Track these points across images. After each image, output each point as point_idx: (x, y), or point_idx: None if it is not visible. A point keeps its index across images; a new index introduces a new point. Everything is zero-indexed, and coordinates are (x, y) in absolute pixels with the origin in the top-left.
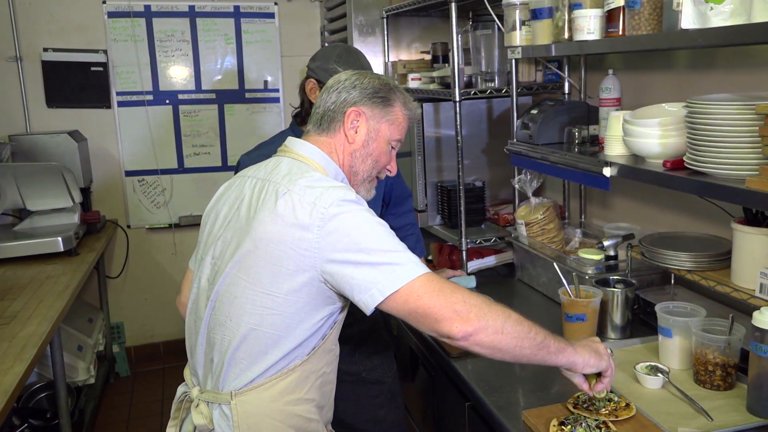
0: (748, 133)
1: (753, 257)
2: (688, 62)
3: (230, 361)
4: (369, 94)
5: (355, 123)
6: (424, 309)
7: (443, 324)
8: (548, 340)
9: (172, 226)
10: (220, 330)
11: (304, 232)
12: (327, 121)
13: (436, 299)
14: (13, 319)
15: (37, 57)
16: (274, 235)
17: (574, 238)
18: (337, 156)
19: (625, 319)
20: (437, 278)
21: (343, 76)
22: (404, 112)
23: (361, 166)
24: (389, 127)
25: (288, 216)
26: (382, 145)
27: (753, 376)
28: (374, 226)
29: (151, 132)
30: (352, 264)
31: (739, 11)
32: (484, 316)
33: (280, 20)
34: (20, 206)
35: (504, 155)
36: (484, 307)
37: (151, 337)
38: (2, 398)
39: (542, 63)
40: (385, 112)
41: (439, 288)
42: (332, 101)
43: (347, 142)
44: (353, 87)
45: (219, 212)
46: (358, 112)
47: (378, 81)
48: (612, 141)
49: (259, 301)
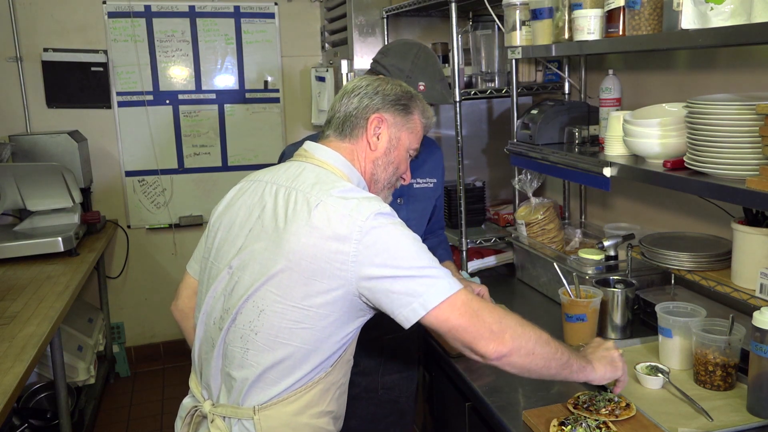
0: (748, 133)
1: (753, 257)
2: (688, 62)
3: (258, 376)
4: (392, 101)
5: (378, 130)
6: (463, 327)
7: (479, 344)
8: (572, 359)
9: (172, 226)
10: (242, 343)
11: (341, 245)
12: (349, 127)
13: (476, 318)
14: (13, 320)
15: (37, 57)
16: (309, 248)
17: (574, 238)
18: (359, 163)
19: (626, 319)
20: (474, 296)
21: (363, 82)
22: (422, 121)
23: (383, 174)
24: (409, 135)
25: (324, 228)
26: (402, 153)
27: (753, 377)
28: (411, 241)
29: (151, 132)
30: (390, 278)
31: (739, 11)
32: (518, 338)
33: (280, 20)
34: (20, 206)
35: (504, 155)
36: (518, 329)
37: (151, 338)
38: (2, 398)
39: (542, 63)
40: (406, 120)
41: (477, 307)
42: (354, 106)
43: (369, 149)
44: (375, 93)
45: (234, 219)
46: (380, 119)
47: (400, 88)
48: (612, 141)
49: (289, 315)
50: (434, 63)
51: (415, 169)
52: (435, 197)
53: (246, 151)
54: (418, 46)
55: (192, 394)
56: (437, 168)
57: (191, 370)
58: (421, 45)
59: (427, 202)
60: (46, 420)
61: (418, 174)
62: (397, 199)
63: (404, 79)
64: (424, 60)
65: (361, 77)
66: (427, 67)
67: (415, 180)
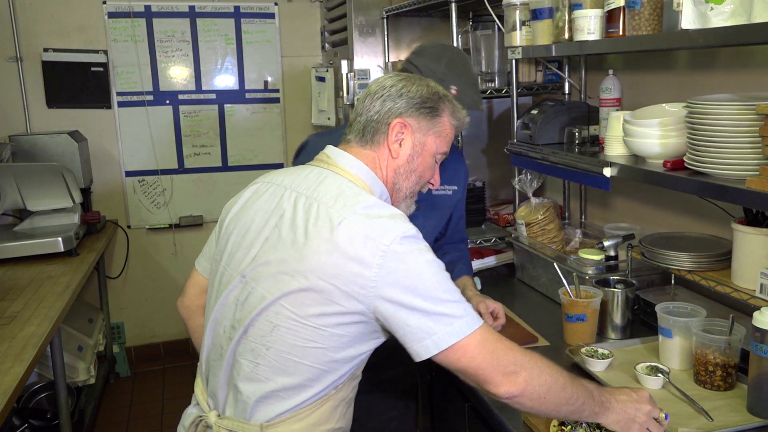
0: (748, 133)
1: (753, 257)
2: (688, 62)
3: (267, 392)
4: (416, 104)
5: (400, 136)
6: (475, 368)
7: (491, 385)
8: (585, 405)
9: (172, 226)
10: (252, 357)
11: (362, 268)
12: (370, 133)
13: (489, 361)
14: (13, 320)
15: (37, 57)
16: (329, 268)
17: (575, 238)
18: (381, 171)
19: (626, 319)
20: (492, 334)
21: (388, 82)
22: (452, 123)
23: (405, 183)
24: (436, 140)
25: (346, 248)
26: (428, 159)
27: (753, 377)
28: (435, 270)
29: (151, 132)
30: (407, 308)
31: (739, 11)
32: (531, 382)
33: (280, 20)
34: (20, 206)
35: (504, 155)
36: (533, 372)
37: (151, 338)
38: (2, 398)
39: (542, 63)
40: (432, 123)
41: (493, 348)
42: (376, 110)
43: (391, 156)
44: (399, 95)
45: (249, 224)
46: (403, 124)
47: (427, 89)
48: (612, 141)
49: (303, 333)
50: (468, 68)
51: None
52: (452, 206)
53: (246, 151)
54: (452, 50)
55: (197, 401)
56: (458, 175)
57: (197, 374)
58: (456, 48)
59: (444, 210)
60: (46, 420)
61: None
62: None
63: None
64: (458, 64)
65: (387, 76)
66: (460, 71)
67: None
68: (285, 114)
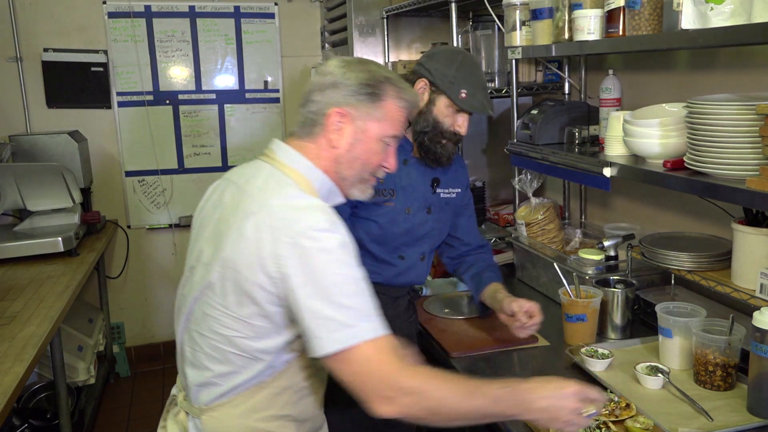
0: (748, 133)
1: (753, 257)
2: (688, 62)
3: (205, 378)
4: (354, 91)
5: (339, 125)
6: (354, 384)
7: (367, 404)
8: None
9: (172, 226)
10: (191, 344)
11: (269, 260)
12: (309, 125)
13: (369, 381)
14: (13, 320)
15: (37, 57)
16: (240, 258)
17: (575, 238)
18: (321, 162)
19: (626, 319)
20: (381, 354)
21: (327, 68)
22: (399, 105)
23: (348, 171)
24: (379, 125)
25: (255, 241)
26: (372, 145)
27: (753, 377)
28: (337, 270)
29: (151, 132)
30: (304, 307)
31: (739, 11)
32: (412, 407)
33: (280, 20)
34: (20, 206)
35: (504, 155)
36: (417, 398)
37: (151, 338)
38: (2, 398)
39: (542, 63)
40: (373, 108)
41: (377, 368)
42: (314, 101)
43: (331, 146)
44: (335, 84)
45: (203, 219)
46: (341, 113)
47: (365, 73)
48: (612, 141)
49: (225, 322)
50: (478, 72)
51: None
52: (459, 205)
53: (246, 151)
54: (464, 54)
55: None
56: (461, 178)
57: None
58: (467, 53)
59: (450, 212)
60: (46, 420)
61: (443, 184)
62: (425, 209)
63: (447, 84)
64: (469, 68)
65: (330, 63)
66: (470, 75)
67: (442, 190)
68: (285, 114)
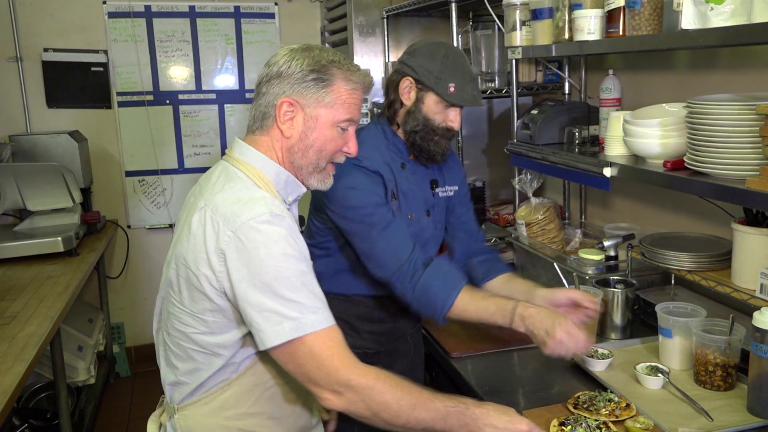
0: (748, 133)
1: (753, 257)
2: (688, 62)
3: (175, 377)
4: (299, 79)
5: (289, 114)
6: (301, 375)
7: (317, 395)
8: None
9: (172, 226)
10: (163, 343)
11: (212, 255)
12: (260, 119)
13: (316, 373)
14: (13, 320)
15: (37, 57)
16: (188, 254)
17: (575, 238)
18: (275, 154)
19: (626, 319)
20: (327, 347)
21: (274, 59)
22: (348, 88)
23: (303, 161)
24: (330, 110)
25: (200, 235)
26: (326, 132)
27: (753, 377)
28: (280, 261)
29: (151, 132)
30: (248, 301)
31: (740, 11)
32: (357, 404)
33: (280, 20)
34: (20, 206)
35: (504, 155)
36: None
37: (151, 338)
38: (2, 398)
39: (542, 63)
40: (322, 94)
41: (322, 362)
42: (264, 94)
43: (283, 137)
44: (280, 74)
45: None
46: (290, 103)
47: (309, 60)
48: (612, 141)
49: (184, 319)
50: (464, 63)
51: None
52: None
53: None
54: (446, 46)
55: None
56: (458, 176)
57: None
58: (450, 45)
59: (444, 208)
60: (46, 420)
61: (441, 184)
62: (426, 211)
63: (433, 80)
64: (454, 60)
65: (276, 54)
66: (457, 69)
67: (441, 189)
68: None
